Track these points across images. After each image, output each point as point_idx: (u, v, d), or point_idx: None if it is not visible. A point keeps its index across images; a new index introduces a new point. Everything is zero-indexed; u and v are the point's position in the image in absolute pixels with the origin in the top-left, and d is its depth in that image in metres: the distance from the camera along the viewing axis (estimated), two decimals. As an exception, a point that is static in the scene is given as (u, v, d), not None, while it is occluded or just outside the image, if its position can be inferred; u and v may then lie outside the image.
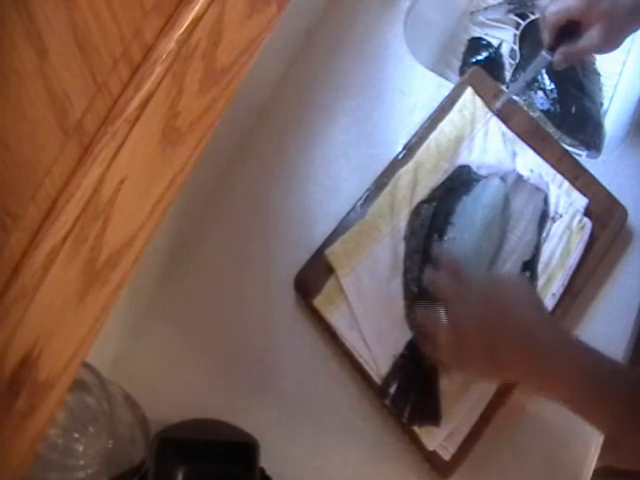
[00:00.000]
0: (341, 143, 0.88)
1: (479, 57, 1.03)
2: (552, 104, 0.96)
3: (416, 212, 0.81)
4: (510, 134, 0.85)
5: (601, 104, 0.99)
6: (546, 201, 0.81)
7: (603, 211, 0.81)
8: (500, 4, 1.05)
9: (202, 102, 0.39)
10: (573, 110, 0.96)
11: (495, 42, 1.04)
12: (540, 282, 0.77)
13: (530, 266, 0.78)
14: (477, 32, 1.06)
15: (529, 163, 0.83)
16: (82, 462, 0.62)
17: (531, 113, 0.92)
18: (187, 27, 0.35)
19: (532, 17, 1.02)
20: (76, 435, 0.62)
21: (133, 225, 0.38)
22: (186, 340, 0.80)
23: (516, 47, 1.01)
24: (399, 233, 0.80)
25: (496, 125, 0.85)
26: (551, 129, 0.95)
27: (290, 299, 0.81)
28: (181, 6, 0.35)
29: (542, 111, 0.96)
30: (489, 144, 0.84)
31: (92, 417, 0.63)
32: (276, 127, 0.90)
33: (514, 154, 0.84)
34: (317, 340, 0.79)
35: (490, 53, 1.03)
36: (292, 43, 0.92)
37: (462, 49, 1.05)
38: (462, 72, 1.02)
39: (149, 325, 0.80)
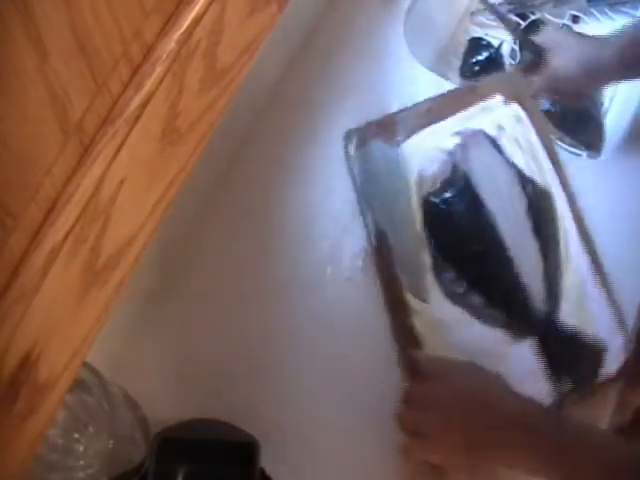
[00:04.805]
0: (341, 143, 0.88)
1: (479, 57, 1.02)
2: (552, 104, 0.96)
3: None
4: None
5: (602, 104, 0.99)
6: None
7: None
8: (500, 4, 1.05)
9: (202, 102, 0.39)
10: (573, 110, 0.96)
11: (495, 42, 1.04)
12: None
13: None
14: (477, 32, 1.06)
15: None
16: (82, 462, 0.62)
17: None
18: (187, 27, 0.35)
19: (532, 17, 1.02)
20: (76, 435, 0.62)
21: (133, 225, 0.38)
22: (186, 340, 0.80)
23: (516, 47, 1.01)
24: None
25: None
26: (551, 129, 0.94)
27: (290, 299, 0.81)
28: (181, 6, 0.35)
29: (542, 111, 0.96)
30: None
31: (92, 417, 0.62)
32: (276, 127, 0.90)
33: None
34: (317, 340, 0.79)
35: (490, 53, 1.02)
36: (292, 43, 0.92)
37: (462, 49, 1.05)
38: (462, 72, 1.02)
39: (149, 325, 0.80)
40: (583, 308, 0.77)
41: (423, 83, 0.91)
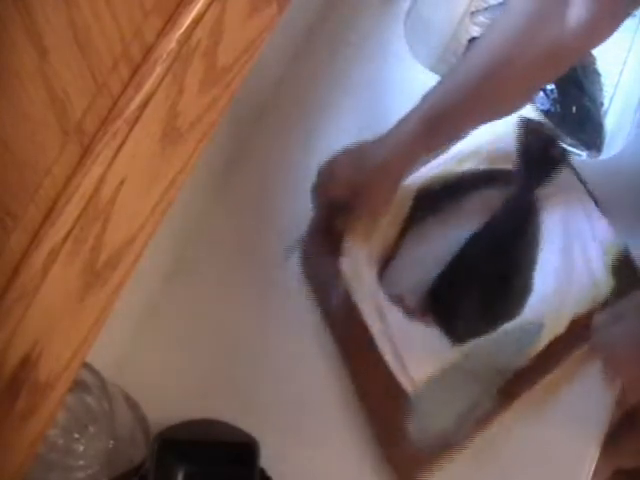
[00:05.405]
0: (341, 143, 0.88)
1: (479, 57, 1.02)
2: (552, 104, 0.96)
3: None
4: None
5: (601, 104, 0.99)
6: None
7: None
8: (500, 4, 1.05)
9: (203, 102, 0.39)
10: (573, 110, 0.96)
11: (495, 42, 1.03)
12: None
13: None
14: (477, 32, 1.06)
15: None
16: (82, 462, 0.62)
17: (531, 113, 0.92)
18: (187, 27, 0.35)
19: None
20: (76, 435, 0.62)
21: (133, 225, 0.38)
22: (186, 341, 0.80)
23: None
24: None
25: None
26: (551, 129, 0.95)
27: (290, 299, 0.81)
28: (181, 6, 0.35)
29: (542, 111, 0.96)
30: None
31: (92, 417, 0.63)
32: (276, 127, 0.90)
33: None
34: (317, 339, 0.79)
35: (490, 53, 1.02)
36: (292, 43, 0.92)
37: (462, 49, 1.05)
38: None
39: (150, 326, 0.80)
40: None
41: (423, 83, 0.91)
